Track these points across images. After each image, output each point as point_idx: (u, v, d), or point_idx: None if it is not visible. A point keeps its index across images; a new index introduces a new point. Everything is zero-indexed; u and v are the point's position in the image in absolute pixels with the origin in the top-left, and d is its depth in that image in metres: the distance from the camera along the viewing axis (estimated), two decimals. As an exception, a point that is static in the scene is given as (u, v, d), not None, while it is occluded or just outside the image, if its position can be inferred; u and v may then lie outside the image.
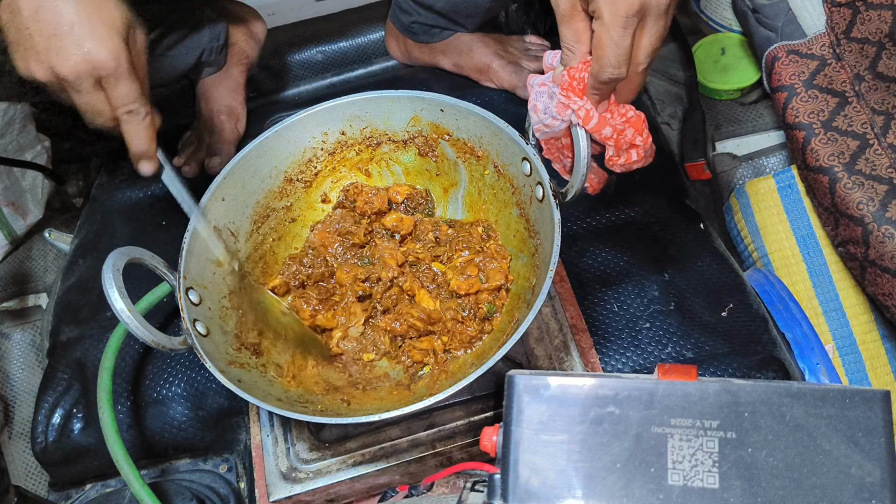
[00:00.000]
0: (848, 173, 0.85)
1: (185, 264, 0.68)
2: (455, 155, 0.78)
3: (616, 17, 0.52)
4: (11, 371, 1.04)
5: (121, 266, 0.61)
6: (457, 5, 1.00)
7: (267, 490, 0.71)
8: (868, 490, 0.44)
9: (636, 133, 0.59)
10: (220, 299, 0.71)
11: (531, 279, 0.69)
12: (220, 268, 0.72)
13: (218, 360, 0.64)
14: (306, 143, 0.78)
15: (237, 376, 0.65)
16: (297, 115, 0.76)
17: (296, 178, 0.80)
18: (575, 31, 0.57)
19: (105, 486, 0.86)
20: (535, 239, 0.71)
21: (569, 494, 0.46)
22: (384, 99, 0.76)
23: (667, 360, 0.80)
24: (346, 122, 0.78)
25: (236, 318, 0.72)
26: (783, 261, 0.98)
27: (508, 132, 0.69)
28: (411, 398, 0.70)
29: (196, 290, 0.68)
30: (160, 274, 0.68)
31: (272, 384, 0.68)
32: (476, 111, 0.72)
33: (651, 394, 0.47)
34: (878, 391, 0.45)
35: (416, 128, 0.78)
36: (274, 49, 1.18)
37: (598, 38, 0.54)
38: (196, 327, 0.65)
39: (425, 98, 0.75)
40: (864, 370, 0.92)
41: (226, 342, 0.69)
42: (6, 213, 1.11)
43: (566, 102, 0.58)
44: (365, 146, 0.80)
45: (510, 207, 0.74)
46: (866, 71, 0.90)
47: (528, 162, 0.68)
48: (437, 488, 0.74)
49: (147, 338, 0.60)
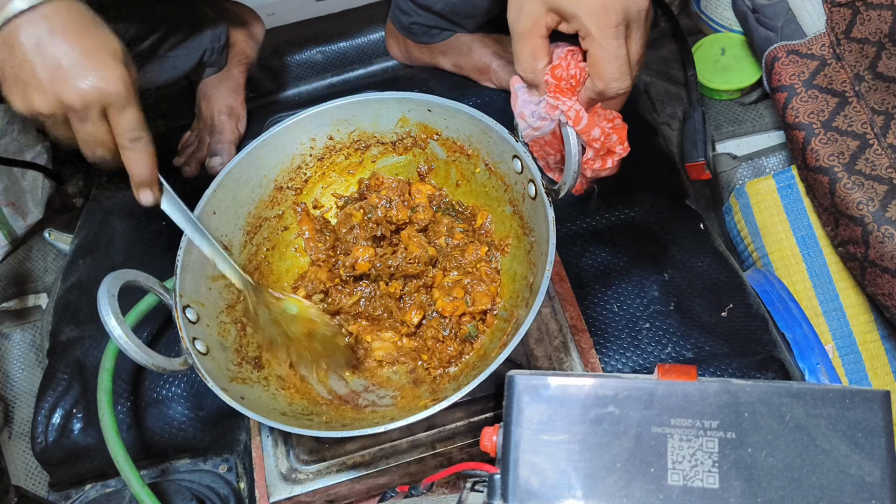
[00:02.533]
0: (848, 173, 0.85)
1: (181, 282, 0.67)
2: (445, 154, 0.77)
3: (606, 29, 0.52)
4: (11, 371, 1.04)
5: (115, 291, 0.60)
6: (456, 6, 1.00)
7: (267, 491, 0.71)
8: (868, 490, 0.44)
9: (619, 141, 0.59)
10: (218, 314, 0.70)
11: (528, 277, 0.69)
12: (215, 283, 0.71)
13: (220, 378, 0.64)
14: (294, 149, 0.78)
15: (240, 393, 0.64)
16: (283, 123, 0.75)
17: (286, 185, 0.79)
18: (532, 48, 0.56)
19: (105, 486, 0.86)
20: (529, 236, 0.70)
21: (569, 494, 0.46)
22: (371, 101, 0.75)
23: (667, 360, 0.80)
24: (333, 126, 0.77)
25: (235, 333, 0.71)
26: (783, 261, 0.98)
27: (497, 130, 0.69)
28: (415, 402, 0.70)
29: (193, 308, 0.67)
30: (157, 294, 0.66)
31: (275, 398, 0.68)
32: (464, 110, 0.71)
33: (651, 394, 0.47)
34: (878, 391, 0.45)
35: (405, 129, 0.77)
36: (274, 49, 1.18)
37: (594, 55, 0.54)
38: (196, 346, 0.64)
39: (412, 99, 0.74)
40: (864, 370, 0.92)
41: (226, 358, 0.68)
42: (6, 213, 1.11)
43: (555, 104, 0.58)
44: (353, 150, 0.80)
45: (503, 205, 0.74)
46: (866, 71, 0.90)
47: (518, 160, 0.68)
48: (437, 489, 0.73)
49: (147, 362, 0.59)
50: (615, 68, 0.54)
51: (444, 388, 0.70)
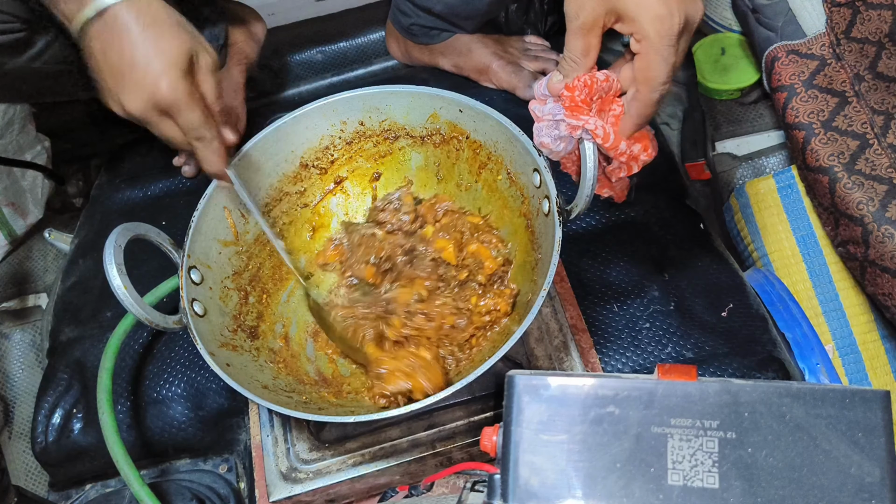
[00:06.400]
0: (848, 173, 0.85)
1: (191, 243, 0.69)
2: (469, 158, 0.78)
3: (665, 36, 0.52)
4: (11, 371, 1.04)
5: (123, 243, 0.62)
6: (455, 8, 1.00)
7: (267, 490, 0.71)
8: (868, 490, 0.44)
9: (642, 149, 0.59)
10: (224, 279, 0.72)
11: (528, 294, 0.69)
12: (226, 248, 0.73)
13: (210, 342, 0.64)
14: (324, 130, 0.79)
15: (226, 359, 0.65)
16: (317, 103, 0.77)
17: (311, 164, 0.80)
18: (587, 45, 0.56)
19: (105, 486, 0.86)
20: (537, 252, 0.70)
21: (569, 494, 0.46)
22: (404, 93, 0.76)
23: (667, 360, 0.80)
24: (365, 112, 0.78)
25: (237, 300, 0.73)
26: (783, 261, 0.98)
27: (523, 141, 0.69)
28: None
29: (199, 270, 0.69)
30: (165, 250, 0.68)
31: (262, 370, 0.69)
32: (494, 115, 0.71)
33: (651, 394, 0.47)
34: (878, 391, 0.45)
35: (435, 125, 0.78)
36: (274, 49, 1.18)
37: (647, 59, 0.54)
38: (193, 307, 0.66)
39: (445, 97, 0.74)
40: (864, 370, 0.92)
41: (222, 323, 0.69)
42: (6, 213, 1.11)
43: (577, 124, 0.58)
44: (383, 139, 0.80)
45: (519, 217, 0.74)
46: (866, 71, 0.90)
47: (538, 174, 0.68)
48: (437, 488, 0.73)
49: (141, 315, 0.60)
50: (665, 74, 0.54)
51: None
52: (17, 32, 0.79)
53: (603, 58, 0.58)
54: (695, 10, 0.53)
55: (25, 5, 0.77)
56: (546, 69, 1.06)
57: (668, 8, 0.51)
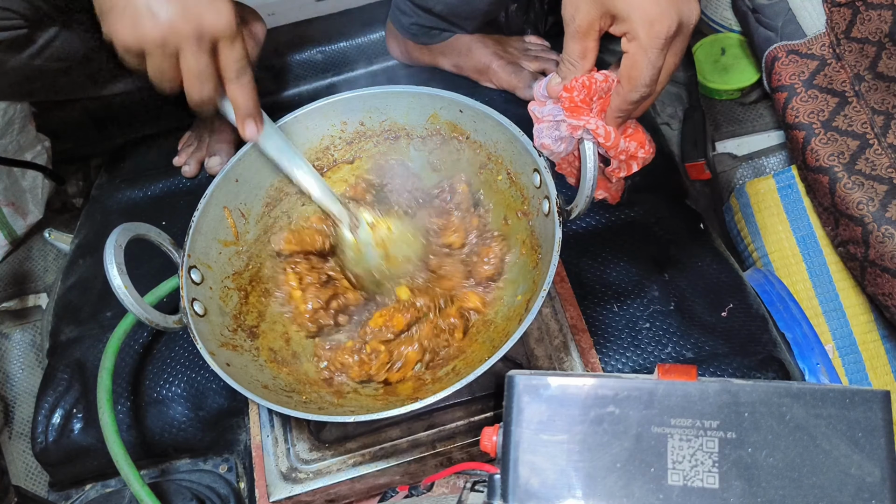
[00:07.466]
0: (848, 173, 0.85)
1: (191, 242, 0.69)
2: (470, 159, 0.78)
3: (655, 38, 0.52)
4: (11, 371, 1.04)
5: (123, 243, 0.62)
6: (455, 8, 1.00)
7: (267, 490, 0.71)
8: (868, 490, 0.44)
9: (638, 146, 0.60)
10: (224, 279, 0.72)
11: (526, 294, 0.69)
12: (227, 248, 0.73)
13: (210, 342, 0.65)
14: (325, 130, 0.79)
15: (227, 359, 0.65)
16: (317, 103, 0.77)
17: (312, 164, 0.80)
18: (584, 48, 0.57)
19: (105, 486, 0.86)
20: (537, 252, 0.70)
21: (569, 494, 0.46)
22: (405, 94, 0.76)
23: (667, 360, 0.80)
24: (365, 113, 0.78)
25: (237, 300, 0.73)
26: (783, 261, 0.98)
27: (523, 141, 0.69)
28: (397, 398, 0.70)
29: (199, 269, 0.69)
30: (165, 250, 0.68)
31: (262, 370, 0.69)
32: (494, 116, 0.71)
33: (651, 394, 0.47)
34: (878, 391, 0.45)
35: (435, 126, 0.78)
36: (274, 49, 1.18)
37: (633, 58, 0.54)
38: (193, 307, 0.66)
39: (445, 97, 0.75)
40: (864, 370, 0.92)
41: (222, 323, 0.69)
42: (6, 213, 1.11)
43: (577, 124, 0.58)
44: (383, 139, 0.80)
45: (519, 217, 0.74)
46: (866, 71, 0.90)
47: (538, 174, 0.68)
48: (437, 488, 0.73)
49: (141, 315, 0.61)
50: (648, 75, 0.54)
51: (426, 388, 0.70)
52: (18, 29, 0.79)
53: (603, 58, 0.58)
54: (690, 12, 0.53)
55: (27, 2, 0.77)
56: (546, 69, 1.06)
57: (660, 10, 0.51)
